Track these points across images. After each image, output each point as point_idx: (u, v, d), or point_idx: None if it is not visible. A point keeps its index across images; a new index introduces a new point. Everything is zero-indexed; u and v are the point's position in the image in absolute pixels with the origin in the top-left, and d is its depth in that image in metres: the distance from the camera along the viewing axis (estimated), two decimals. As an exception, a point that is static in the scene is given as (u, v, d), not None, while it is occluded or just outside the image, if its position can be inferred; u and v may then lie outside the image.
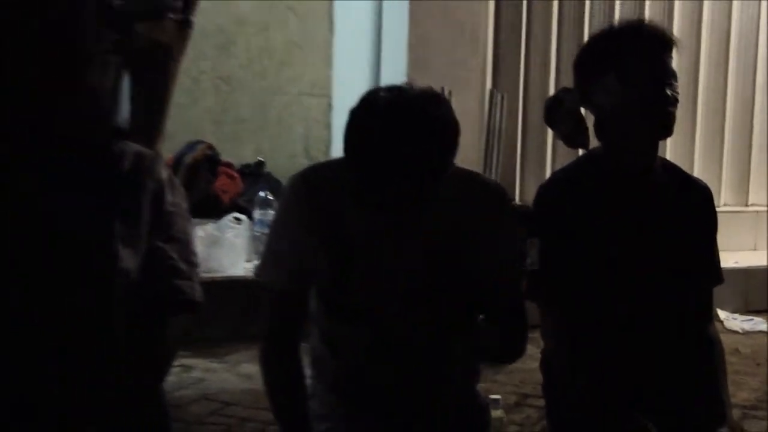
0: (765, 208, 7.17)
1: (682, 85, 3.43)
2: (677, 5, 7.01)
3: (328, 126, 7.55)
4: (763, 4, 7.19)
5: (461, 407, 2.83)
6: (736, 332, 6.13)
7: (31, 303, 2.41)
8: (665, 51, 2.90)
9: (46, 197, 2.43)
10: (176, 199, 2.59)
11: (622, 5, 6.87)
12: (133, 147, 2.56)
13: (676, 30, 6.92)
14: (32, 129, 2.45)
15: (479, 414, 2.91)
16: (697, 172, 6.44)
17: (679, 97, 2.90)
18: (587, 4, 6.76)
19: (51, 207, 2.43)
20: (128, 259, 2.46)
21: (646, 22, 3.08)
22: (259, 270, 2.80)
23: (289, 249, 2.72)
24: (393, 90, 2.55)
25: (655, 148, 2.96)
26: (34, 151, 2.46)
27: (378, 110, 2.51)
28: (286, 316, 2.75)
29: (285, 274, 2.71)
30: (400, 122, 2.48)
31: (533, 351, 2.87)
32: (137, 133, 4.96)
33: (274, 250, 2.77)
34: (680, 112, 3.00)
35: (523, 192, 6.20)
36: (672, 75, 2.87)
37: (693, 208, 3.03)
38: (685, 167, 3.90)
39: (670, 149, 6.24)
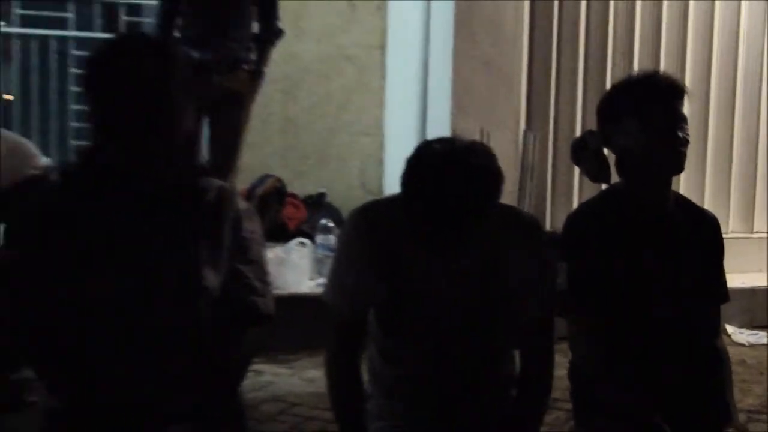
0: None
1: (693, 125, 3.45)
2: (689, 55, 6.94)
3: (380, 161, 7.56)
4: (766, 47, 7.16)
5: (501, 414, 2.80)
6: (742, 345, 6.03)
7: (131, 315, 2.48)
8: (677, 98, 2.91)
9: (146, 225, 2.51)
10: (252, 226, 2.65)
11: (639, 59, 6.77)
12: (216, 182, 2.63)
13: (689, 74, 6.90)
14: (134, 167, 2.52)
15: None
16: (706, 203, 6.40)
17: (690, 138, 2.91)
18: (609, 55, 6.70)
19: (149, 233, 2.51)
20: (212, 279, 2.54)
21: (661, 72, 3.07)
22: (325, 295, 2.80)
23: (352, 279, 2.72)
24: (444, 142, 2.59)
25: (669, 183, 2.97)
26: (137, 186, 2.53)
27: (431, 161, 2.54)
28: (349, 335, 2.77)
29: (348, 300, 2.73)
30: (450, 172, 2.50)
31: (561, 360, 2.86)
32: (215, 170, 5.04)
33: (338, 279, 2.78)
34: (691, 150, 2.99)
35: (553, 221, 6.06)
36: (683, 119, 2.89)
37: (703, 236, 3.03)
38: (696, 198, 3.95)
39: (683, 182, 6.17)
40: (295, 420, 4.50)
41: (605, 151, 2.99)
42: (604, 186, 3.09)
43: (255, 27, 6.08)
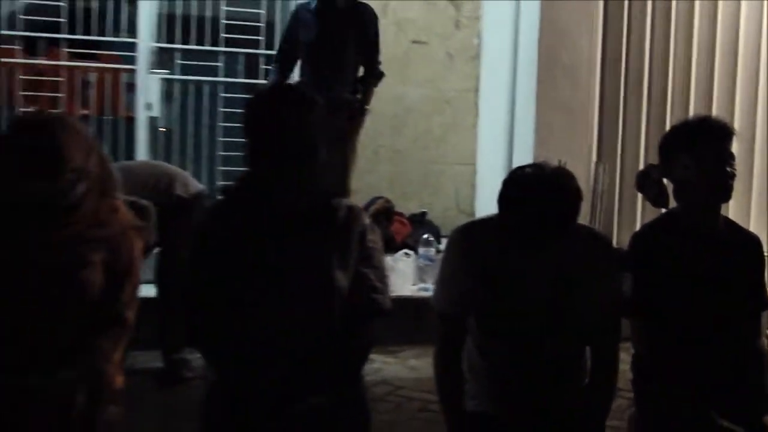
0: None
1: (740, 158, 3.42)
2: (738, 96, 6.73)
3: (473, 186, 7.51)
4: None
5: (574, 401, 2.79)
6: None
7: (280, 308, 2.56)
8: (726, 139, 2.93)
9: (291, 237, 2.60)
10: (374, 238, 2.73)
11: (695, 101, 6.59)
12: (345, 202, 2.69)
13: (738, 114, 6.75)
14: (283, 190, 2.61)
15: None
16: (751, 225, 6.25)
17: (737, 171, 2.94)
18: (669, 97, 6.58)
19: (294, 243, 2.59)
20: (342, 280, 2.62)
21: (713, 116, 3.12)
22: (433, 300, 2.87)
23: (455, 288, 2.77)
24: (535, 167, 2.67)
25: (719, 209, 2.99)
26: (284, 205, 2.62)
27: (525, 181, 2.63)
28: (452, 333, 2.81)
29: (452, 305, 2.79)
30: (541, 190, 2.58)
31: (623, 356, 2.87)
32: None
33: (444, 287, 2.83)
34: (738, 180, 2.98)
35: (619, 239, 5.95)
36: (731, 156, 2.92)
37: (747, 253, 3.04)
38: (743, 221, 3.87)
39: (731, 208, 6.11)
40: (399, 400, 4.61)
41: (665, 181, 3.03)
42: (663, 210, 3.11)
43: (360, 70, 6.13)
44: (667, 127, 4.55)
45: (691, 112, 6.41)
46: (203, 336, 2.72)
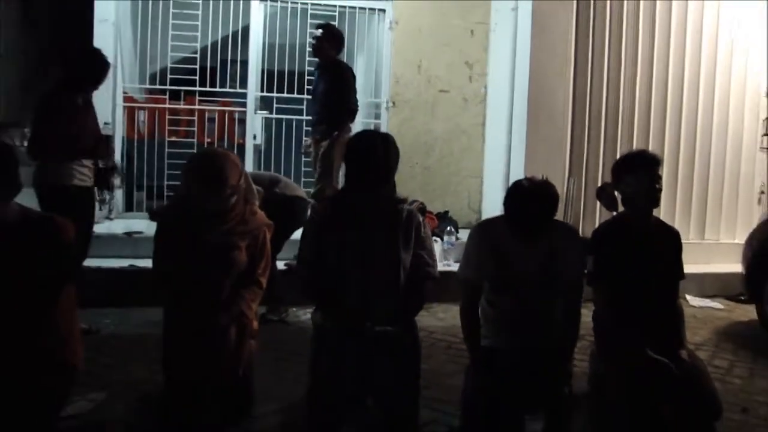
0: (713, 241, 6.95)
1: (669, 175, 3.17)
2: (667, 134, 6.81)
3: (481, 192, 7.45)
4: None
5: (551, 340, 2.74)
6: (694, 307, 5.99)
7: (365, 273, 2.64)
8: (656, 165, 2.94)
9: (373, 227, 2.69)
10: (426, 230, 2.80)
11: (638, 135, 6.61)
12: (407, 206, 2.76)
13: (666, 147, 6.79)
14: (369, 198, 2.71)
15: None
16: (675, 222, 6.35)
17: (662, 185, 2.94)
18: (619, 133, 6.57)
19: (375, 231, 2.69)
20: (405, 258, 2.73)
21: (648, 150, 3.05)
22: (459, 271, 2.86)
23: (475, 263, 2.80)
24: (529, 180, 2.70)
25: (651, 212, 3.00)
26: (369, 207, 2.70)
27: (522, 190, 2.67)
28: (472, 293, 2.82)
29: (472, 274, 2.81)
30: (533, 196, 2.64)
31: (586, 312, 2.87)
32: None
33: (467, 263, 2.84)
34: (664, 192, 2.97)
35: (584, 231, 5.91)
36: (659, 177, 2.92)
37: (670, 241, 3.04)
38: (668, 219, 3.82)
39: (662, 210, 6.11)
40: (432, 341, 4.60)
41: (615, 193, 3.03)
42: (614, 213, 3.10)
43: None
44: (618, 154, 4.60)
45: (635, 143, 6.56)
46: (314, 289, 2.76)
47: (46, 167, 4.26)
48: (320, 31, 5.67)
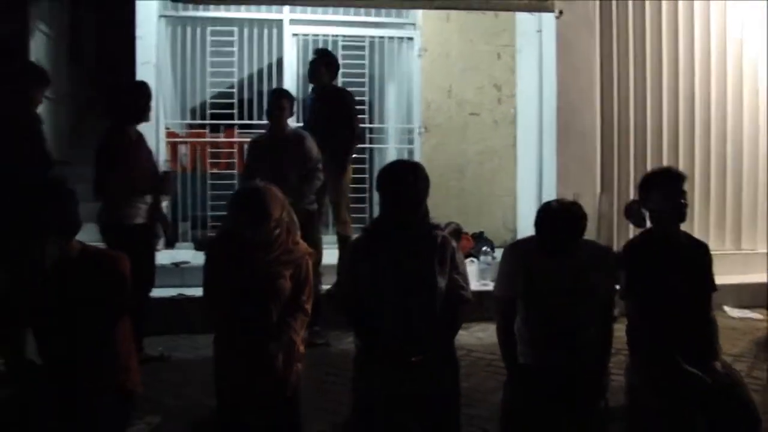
0: (750, 251, 6.85)
1: (697, 188, 3.05)
2: (698, 150, 6.96)
3: (515, 211, 7.39)
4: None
5: (585, 353, 2.75)
6: (733, 318, 5.92)
7: (402, 299, 2.68)
8: (681, 181, 2.97)
9: (409, 254, 2.73)
10: (459, 255, 2.87)
11: (668, 153, 6.71)
12: (441, 232, 2.80)
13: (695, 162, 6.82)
14: (404, 225, 2.75)
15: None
16: (711, 232, 6.42)
17: (689, 201, 2.96)
18: (648, 153, 6.62)
19: (411, 257, 2.73)
20: (441, 282, 2.77)
21: (672, 167, 3.10)
22: (495, 290, 2.94)
23: (509, 282, 2.84)
24: (558, 202, 2.78)
25: (678, 226, 3.00)
26: (405, 234, 2.75)
27: (551, 213, 2.73)
28: (508, 311, 2.86)
29: (507, 293, 2.85)
30: (562, 218, 2.70)
31: (620, 326, 2.91)
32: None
33: (501, 282, 2.90)
34: (692, 206, 3.02)
35: (618, 247, 5.46)
36: (684, 193, 2.95)
37: (699, 255, 3.04)
38: (703, 230, 3.75)
39: (689, 225, 5.77)
40: (471, 359, 4.67)
41: (643, 210, 3.06)
42: (642, 229, 3.11)
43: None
44: (648, 169, 4.53)
45: (664, 158, 6.55)
46: (354, 316, 2.80)
47: (107, 206, 4.38)
48: (317, 56, 5.63)
